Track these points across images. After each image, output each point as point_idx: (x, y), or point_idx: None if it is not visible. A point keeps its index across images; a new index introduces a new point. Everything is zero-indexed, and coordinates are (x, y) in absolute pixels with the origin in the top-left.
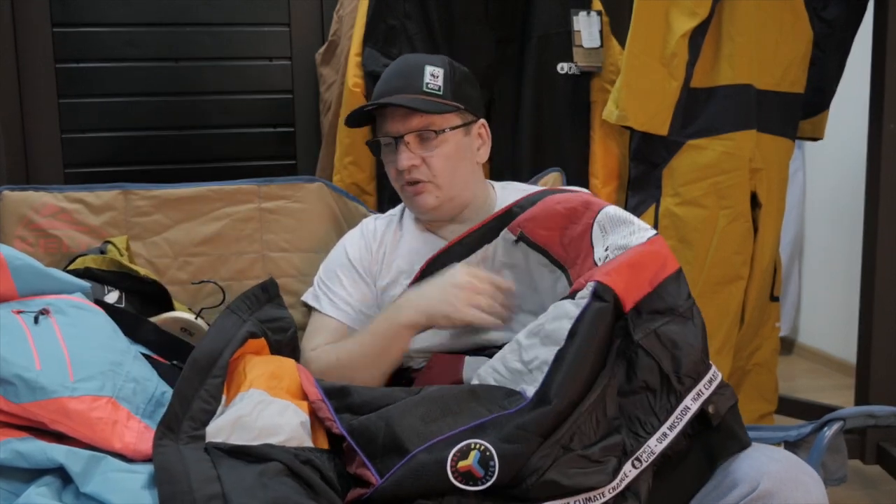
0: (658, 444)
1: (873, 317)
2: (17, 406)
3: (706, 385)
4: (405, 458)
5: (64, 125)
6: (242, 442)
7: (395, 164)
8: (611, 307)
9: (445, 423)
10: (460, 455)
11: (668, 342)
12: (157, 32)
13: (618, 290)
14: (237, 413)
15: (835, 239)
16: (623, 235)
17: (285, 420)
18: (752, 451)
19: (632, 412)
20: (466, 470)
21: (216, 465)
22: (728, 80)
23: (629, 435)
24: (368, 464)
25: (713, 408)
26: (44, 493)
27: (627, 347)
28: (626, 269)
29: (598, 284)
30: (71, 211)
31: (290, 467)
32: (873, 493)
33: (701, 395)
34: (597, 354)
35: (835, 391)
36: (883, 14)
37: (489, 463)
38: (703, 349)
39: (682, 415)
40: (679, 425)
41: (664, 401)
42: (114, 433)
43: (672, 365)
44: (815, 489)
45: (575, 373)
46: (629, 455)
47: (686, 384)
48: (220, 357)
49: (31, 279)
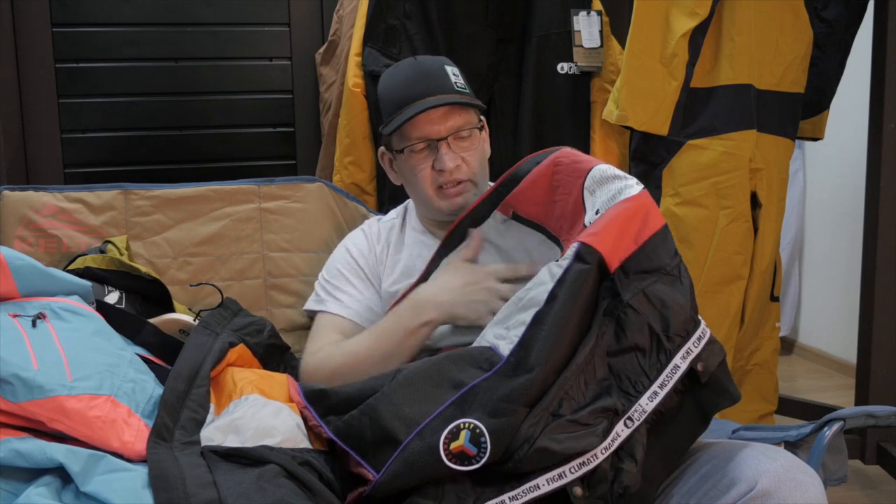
0: (649, 403)
1: (873, 317)
2: (16, 405)
3: (695, 343)
4: (397, 450)
5: (64, 125)
6: (238, 444)
7: (432, 165)
8: (594, 269)
9: (428, 402)
10: (451, 437)
11: (656, 301)
12: (157, 32)
13: (603, 250)
14: (231, 416)
15: (835, 239)
16: (609, 193)
17: (280, 421)
18: (751, 451)
19: (622, 372)
20: (459, 450)
21: (212, 470)
22: (728, 80)
23: (620, 395)
24: (362, 461)
25: (702, 365)
26: (43, 492)
27: (616, 307)
28: (611, 227)
29: (581, 246)
30: (71, 211)
31: (288, 469)
32: (873, 493)
33: (690, 353)
34: (580, 317)
35: (835, 391)
36: (883, 14)
37: (480, 440)
38: (691, 307)
39: (672, 373)
40: (669, 384)
41: (654, 359)
42: (112, 432)
43: (661, 324)
44: (814, 489)
45: (556, 338)
46: (620, 415)
47: (675, 343)
48: (201, 367)
49: (33, 279)
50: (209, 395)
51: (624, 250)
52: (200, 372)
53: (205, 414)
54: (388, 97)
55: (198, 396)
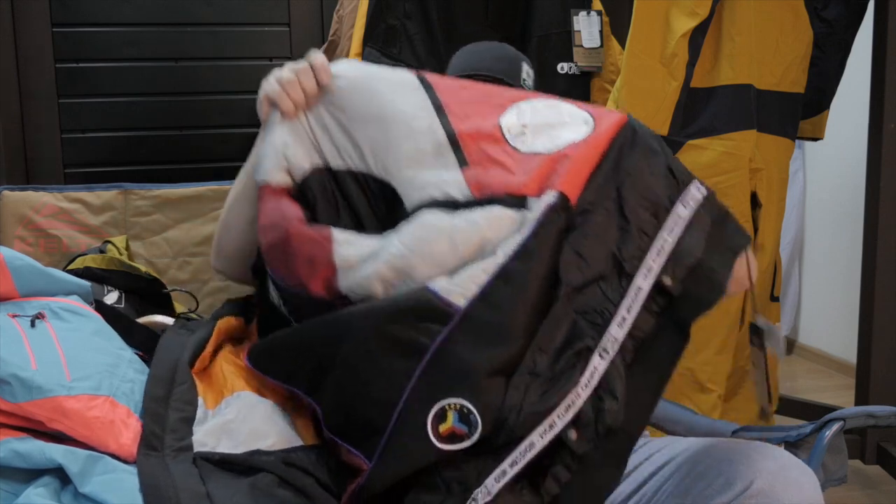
0: (619, 330)
1: (873, 317)
2: (15, 406)
3: (654, 257)
4: (383, 438)
5: (64, 125)
6: (229, 449)
7: None
8: (564, 218)
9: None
10: (438, 419)
11: (610, 222)
12: (157, 32)
13: (572, 197)
14: (224, 419)
15: (835, 239)
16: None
17: (273, 422)
18: (747, 449)
19: (587, 306)
20: (449, 432)
21: (205, 481)
22: (728, 80)
23: (589, 329)
24: (354, 451)
25: (669, 279)
26: (42, 493)
27: (574, 241)
28: (581, 170)
29: (559, 196)
30: (71, 211)
31: (281, 477)
32: (873, 493)
33: (651, 271)
34: (550, 268)
35: (835, 391)
36: (883, 14)
37: (470, 417)
38: (663, 192)
39: (636, 295)
40: (636, 306)
41: (616, 285)
42: (110, 433)
43: (618, 245)
44: (810, 488)
45: (533, 299)
46: (594, 349)
47: (633, 263)
48: (177, 364)
49: (32, 279)
50: (194, 388)
51: (581, 186)
52: (178, 368)
53: (193, 410)
54: (459, 61)
55: (181, 394)
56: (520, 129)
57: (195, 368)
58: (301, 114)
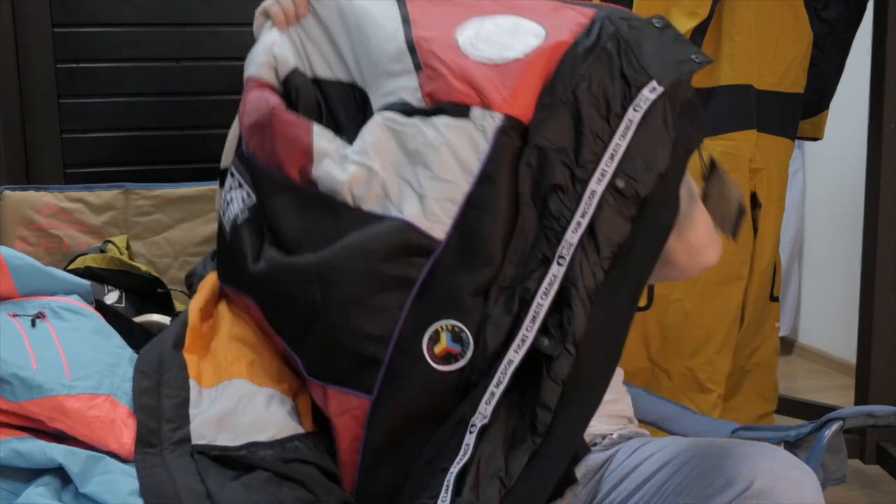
0: (574, 235)
1: (873, 317)
2: (15, 405)
3: (608, 162)
4: (381, 369)
5: (64, 125)
6: (228, 442)
7: None
8: (518, 137)
9: (384, 312)
10: (432, 342)
11: (563, 129)
12: (157, 32)
13: (525, 118)
14: (221, 410)
15: (835, 239)
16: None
17: (271, 413)
18: (747, 449)
19: (548, 214)
20: (444, 352)
21: (204, 480)
22: (728, 80)
23: (551, 235)
24: (345, 390)
25: (623, 182)
26: (43, 493)
27: (529, 154)
28: (528, 82)
29: (505, 119)
30: (71, 210)
31: (280, 473)
32: (873, 493)
33: (606, 175)
34: (513, 187)
35: (835, 391)
36: (883, 14)
37: (461, 336)
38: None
39: (590, 200)
40: (590, 211)
41: (572, 192)
42: (111, 433)
43: (573, 152)
44: (810, 488)
45: (502, 220)
46: (553, 258)
47: (588, 168)
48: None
49: (32, 278)
50: (182, 369)
51: (534, 101)
52: (162, 357)
53: (186, 392)
54: None
55: (170, 380)
56: (473, 38)
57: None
58: (291, 27)
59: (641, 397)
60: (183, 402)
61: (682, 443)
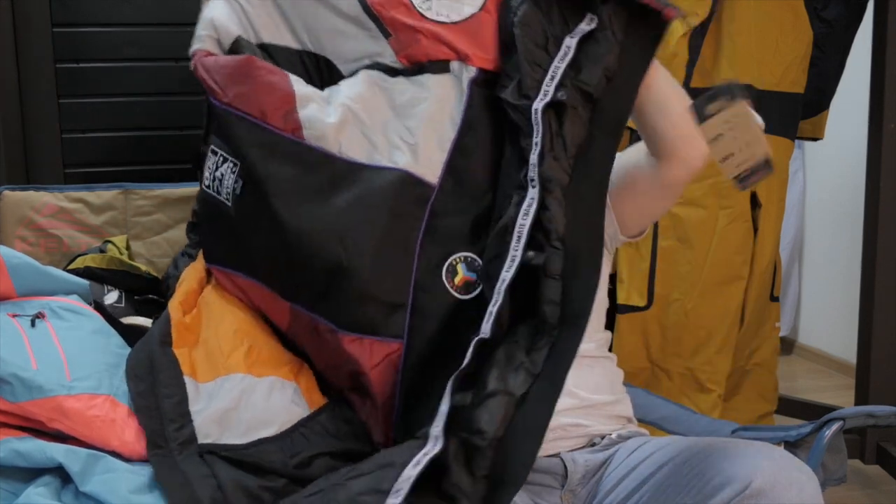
0: (534, 155)
1: (873, 317)
2: (15, 405)
3: (548, 83)
4: (407, 312)
5: (64, 125)
6: (234, 440)
7: None
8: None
9: (399, 260)
10: (451, 274)
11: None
12: (157, 32)
13: (489, 62)
14: (222, 406)
15: (835, 239)
16: None
17: (272, 403)
18: (746, 448)
19: (517, 145)
20: (463, 282)
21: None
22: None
23: (520, 163)
24: (378, 338)
25: (564, 93)
26: (43, 492)
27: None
28: (485, 34)
29: (479, 71)
30: (71, 210)
31: (287, 476)
32: (873, 493)
33: (548, 94)
34: (493, 129)
35: (835, 391)
36: (883, 14)
37: (475, 264)
38: None
39: (536, 119)
40: (540, 128)
41: (525, 122)
42: (112, 431)
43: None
44: (810, 487)
45: (486, 161)
46: (525, 182)
47: (533, 93)
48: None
49: (30, 278)
50: (175, 367)
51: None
52: (153, 358)
53: (182, 390)
54: None
55: (165, 380)
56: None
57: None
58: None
59: (641, 397)
60: (181, 400)
61: (682, 443)
